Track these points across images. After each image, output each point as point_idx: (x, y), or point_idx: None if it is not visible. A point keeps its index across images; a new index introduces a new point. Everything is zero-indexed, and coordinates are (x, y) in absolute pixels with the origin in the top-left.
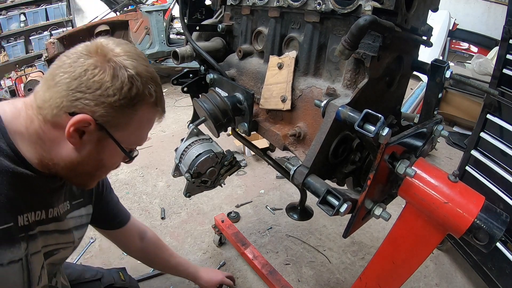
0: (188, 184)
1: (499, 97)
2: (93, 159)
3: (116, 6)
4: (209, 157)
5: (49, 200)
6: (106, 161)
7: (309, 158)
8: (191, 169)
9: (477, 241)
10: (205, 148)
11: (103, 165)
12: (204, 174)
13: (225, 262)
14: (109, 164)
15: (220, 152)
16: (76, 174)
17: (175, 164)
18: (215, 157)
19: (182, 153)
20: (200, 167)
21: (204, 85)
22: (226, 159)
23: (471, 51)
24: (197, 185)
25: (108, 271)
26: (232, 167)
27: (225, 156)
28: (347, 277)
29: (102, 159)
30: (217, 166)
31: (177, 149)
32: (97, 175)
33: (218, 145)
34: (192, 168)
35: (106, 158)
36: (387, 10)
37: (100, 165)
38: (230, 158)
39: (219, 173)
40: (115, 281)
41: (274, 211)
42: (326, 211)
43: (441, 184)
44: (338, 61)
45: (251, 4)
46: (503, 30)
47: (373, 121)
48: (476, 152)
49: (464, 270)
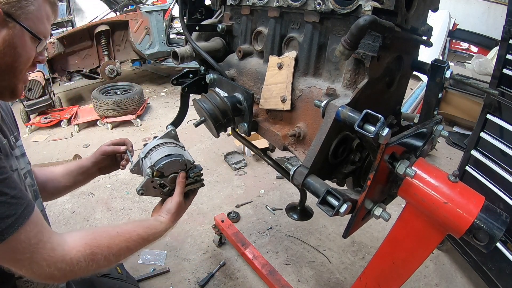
0: (146, 182)
1: (499, 97)
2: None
3: (116, 6)
4: (178, 161)
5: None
6: (20, 49)
7: (309, 158)
8: (155, 166)
9: (477, 241)
10: (177, 152)
11: (19, 54)
12: (166, 178)
13: (225, 262)
14: (24, 53)
15: (190, 162)
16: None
17: (138, 158)
18: (183, 164)
19: (152, 149)
20: (166, 167)
21: (204, 85)
22: (193, 171)
23: (471, 51)
24: (154, 186)
25: None
26: (196, 182)
27: (193, 168)
28: (347, 277)
29: (16, 47)
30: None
31: (146, 144)
32: (18, 69)
33: (190, 155)
34: (157, 166)
35: (19, 47)
36: (387, 10)
37: (16, 55)
38: (197, 171)
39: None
40: (111, 272)
41: (274, 211)
42: (326, 212)
43: (441, 184)
44: (338, 61)
45: (251, 4)
46: (503, 30)
47: (373, 121)
48: (476, 152)
49: (464, 270)
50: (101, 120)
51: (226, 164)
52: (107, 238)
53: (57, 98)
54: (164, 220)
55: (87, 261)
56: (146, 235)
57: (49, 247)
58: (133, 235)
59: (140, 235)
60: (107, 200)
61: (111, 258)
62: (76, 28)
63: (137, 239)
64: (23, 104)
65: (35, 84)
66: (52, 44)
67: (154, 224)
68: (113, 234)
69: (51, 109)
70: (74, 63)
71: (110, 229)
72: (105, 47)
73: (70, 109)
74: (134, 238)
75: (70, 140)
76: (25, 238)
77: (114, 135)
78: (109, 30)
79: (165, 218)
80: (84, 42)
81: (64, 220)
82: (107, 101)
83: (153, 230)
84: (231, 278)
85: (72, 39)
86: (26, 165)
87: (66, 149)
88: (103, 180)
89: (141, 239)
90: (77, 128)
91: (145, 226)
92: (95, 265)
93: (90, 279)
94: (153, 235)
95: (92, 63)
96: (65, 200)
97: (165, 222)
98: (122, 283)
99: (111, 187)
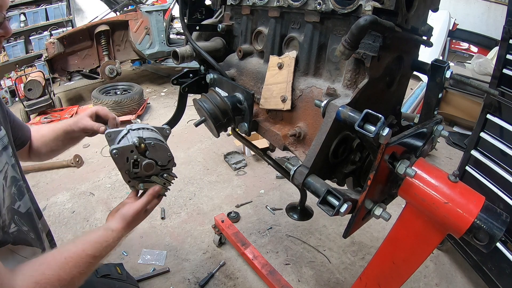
0: (127, 147)
1: (499, 97)
2: None
3: (116, 6)
4: (167, 150)
5: None
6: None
7: (309, 158)
8: (145, 140)
9: (477, 241)
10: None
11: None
12: (144, 159)
13: (225, 262)
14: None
15: (174, 163)
16: None
17: (125, 129)
18: (169, 157)
19: (146, 128)
20: (154, 149)
21: (204, 85)
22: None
23: (471, 51)
24: (129, 157)
25: (105, 265)
26: (160, 179)
27: (170, 171)
28: (347, 277)
29: None
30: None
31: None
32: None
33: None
34: (147, 141)
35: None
36: (387, 10)
37: None
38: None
39: (150, 175)
40: (111, 273)
41: (274, 211)
42: (326, 211)
43: (441, 184)
44: (338, 61)
45: (251, 4)
46: (503, 30)
47: (373, 121)
48: (476, 152)
49: (464, 270)
50: None
51: (226, 164)
52: (56, 268)
53: (57, 98)
54: (115, 228)
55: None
56: (97, 252)
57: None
58: (82, 257)
59: (90, 255)
60: (107, 200)
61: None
62: (76, 28)
63: (88, 260)
64: (23, 104)
65: (35, 84)
66: (52, 44)
67: (104, 234)
68: (61, 261)
69: (51, 109)
70: (74, 63)
71: (58, 255)
72: (105, 47)
73: (70, 109)
74: (84, 260)
75: None
76: None
77: None
78: (109, 30)
79: (118, 226)
80: (84, 42)
81: (64, 220)
82: (107, 101)
83: (104, 243)
84: (231, 278)
85: (72, 39)
86: (8, 159)
87: None
88: (103, 180)
89: (92, 259)
90: None
91: (95, 242)
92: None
93: (90, 280)
94: (104, 249)
95: (92, 63)
96: (65, 200)
97: (117, 230)
98: (122, 283)
99: (111, 187)
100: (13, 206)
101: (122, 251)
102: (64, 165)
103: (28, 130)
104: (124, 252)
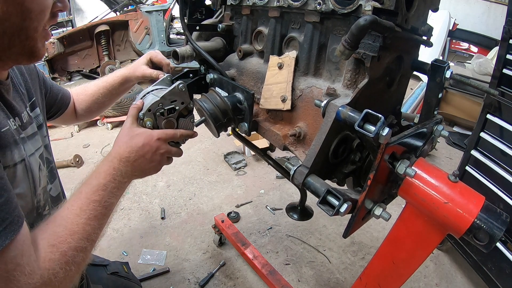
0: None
1: (499, 97)
2: (11, 6)
3: (116, 6)
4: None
5: (15, 106)
6: (29, 3)
7: (309, 158)
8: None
9: (477, 241)
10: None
11: (28, 10)
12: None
13: (225, 262)
14: (35, 6)
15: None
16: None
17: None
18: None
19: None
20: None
21: (204, 85)
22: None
23: (471, 51)
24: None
25: (113, 262)
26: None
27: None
28: (347, 277)
29: (22, 2)
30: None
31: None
32: (30, 28)
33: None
34: (182, 102)
35: (27, 0)
36: (387, 10)
37: (24, 12)
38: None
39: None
40: (119, 271)
41: (274, 211)
42: (326, 211)
43: (441, 184)
44: (338, 61)
45: (251, 4)
46: (503, 30)
47: (373, 121)
48: (476, 152)
49: (464, 270)
50: (101, 120)
51: (226, 164)
52: (63, 223)
53: None
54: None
55: (62, 268)
56: (99, 197)
57: (27, 271)
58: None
59: (94, 200)
60: None
61: (81, 243)
62: (76, 28)
63: (94, 207)
64: None
65: None
66: (52, 44)
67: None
68: (67, 214)
69: None
70: (74, 63)
71: (61, 210)
72: (105, 47)
73: None
74: (91, 206)
75: (70, 140)
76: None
77: (114, 135)
78: (109, 30)
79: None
80: (84, 42)
81: None
82: None
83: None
84: (231, 278)
85: (72, 39)
86: (43, 139)
87: (66, 149)
88: None
89: (97, 204)
90: (77, 128)
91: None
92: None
93: (101, 276)
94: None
95: (92, 63)
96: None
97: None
98: (129, 282)
99: None
100: (47, 188)
101: (122, 251)
102: (64, 165)
103: (67, 93)
104: (124, 252)
